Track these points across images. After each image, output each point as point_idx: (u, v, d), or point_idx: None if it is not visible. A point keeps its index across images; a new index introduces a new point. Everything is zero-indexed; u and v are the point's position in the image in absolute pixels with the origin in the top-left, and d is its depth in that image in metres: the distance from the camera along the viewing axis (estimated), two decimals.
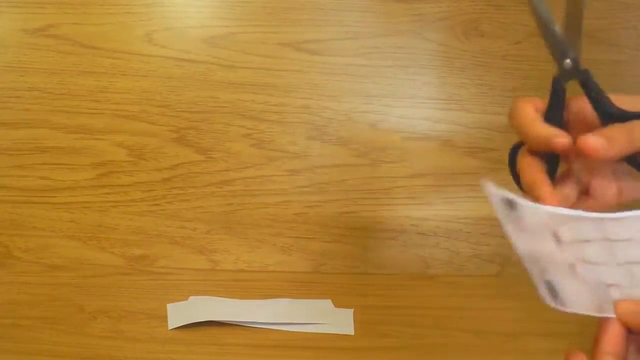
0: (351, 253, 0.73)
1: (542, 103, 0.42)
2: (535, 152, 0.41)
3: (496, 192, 0.40)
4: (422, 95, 0.74)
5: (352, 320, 0.59)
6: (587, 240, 0.38)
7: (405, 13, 0.73)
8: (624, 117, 0.38)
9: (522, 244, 0.41)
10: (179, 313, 0.60)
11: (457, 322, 0.59)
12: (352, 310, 0.60)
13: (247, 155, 0.73)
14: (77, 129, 0.73)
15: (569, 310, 0.40)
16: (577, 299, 0.40)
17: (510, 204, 0.40)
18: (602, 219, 0.37)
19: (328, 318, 0.59)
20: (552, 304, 0.41)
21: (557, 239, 0.39)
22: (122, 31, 0.73)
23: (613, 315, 0.38)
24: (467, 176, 0.74)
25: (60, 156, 0.73)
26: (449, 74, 0.74)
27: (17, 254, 0.72)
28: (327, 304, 0.62)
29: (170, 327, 0.58)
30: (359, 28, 0.73)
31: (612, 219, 0.36)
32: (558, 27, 0.42)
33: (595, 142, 0.37)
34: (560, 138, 0.38)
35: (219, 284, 0.68)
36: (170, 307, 0.61)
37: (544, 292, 0.42)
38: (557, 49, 0.41)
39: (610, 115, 0.39)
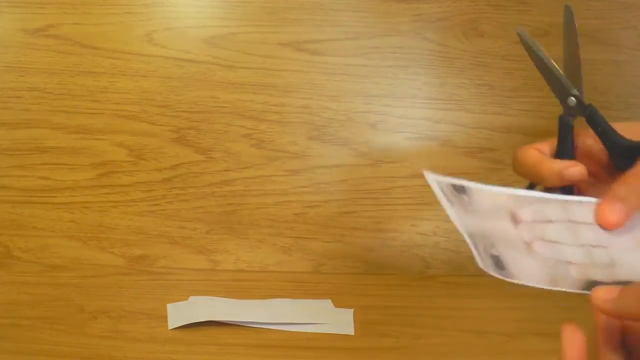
0: (351, 253, 0.73)
1: (543, 145, 0.42)
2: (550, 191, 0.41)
3: (442, 179, 0.41)
4: (422, 95, 0.74)
5: (352, 320, 0.59)
6: (549, 221, 0.39)
7: (405, 13, 0.73)
8: (633, 148, 0.39)
9: (468, 223, 0.42)
10: (179, 313, 0.60)
11: (457, 322, 0.59)
12: (352, 310, 0.60)
13: (247, 155, 0.73)
14: (77, 129, 0.73)
15: (516, 281, 0.41)
16: (529, 273, 0.41)
17: (460, 189, 0.41)
18: (567, 201, 0.37)
19: (328, 318, 0.59)
20: (497, 275, 0.42)
21: (515, 219, 0.39)
22: (122, 31, 0.73)
23: (566, 289, 0.39)
24: (467, 176, 0.73)
25: (60, 156, 0.73)
26: (449, 74, 0.74)
27: (17, 254, 0.72)
28: (327, 304, 0.62)
29: (170, 327, 0.58)
30: (359, 28, 0.73)
31: (577, 201, 0.37)
32: (558, 67, 0.42)
33: (612, 215, 0.35)
34: (574, 167, 0.39)
35: (219, 284, 0.68)
36: (170, 307, 0.61)
37: (487, 263, 0.43)
38: (560, 88, 0.42)
39: (619, 148, 0.40)
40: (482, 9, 0.73)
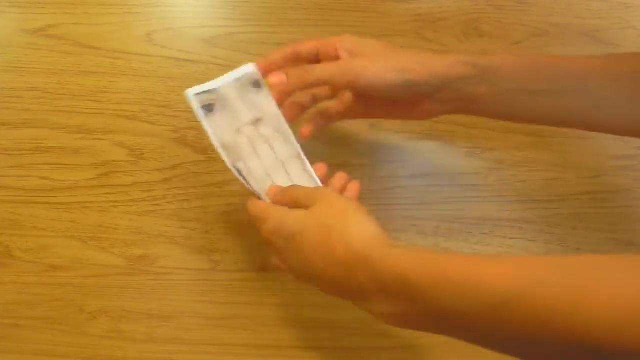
0: None
1: None
2: None
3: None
4: None
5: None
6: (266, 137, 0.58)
7: (405, 13, 0.73)
8: None
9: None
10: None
11: None
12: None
13: None
14: (77, 129, 0.73)
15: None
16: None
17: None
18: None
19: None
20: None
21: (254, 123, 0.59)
22: (122, 31, 0.73)
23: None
24: (467, 176, 0.74)
25: (60, 156, 0.73)
26: None
27: (17, 254, 0.72)
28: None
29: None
30: (359, 28, 0.73)
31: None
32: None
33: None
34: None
35: (219, 284, 0.68)
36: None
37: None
38: None
39: None
40: (482, 9, 0.74)
